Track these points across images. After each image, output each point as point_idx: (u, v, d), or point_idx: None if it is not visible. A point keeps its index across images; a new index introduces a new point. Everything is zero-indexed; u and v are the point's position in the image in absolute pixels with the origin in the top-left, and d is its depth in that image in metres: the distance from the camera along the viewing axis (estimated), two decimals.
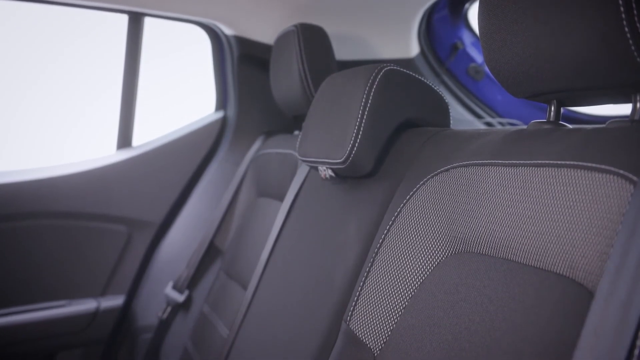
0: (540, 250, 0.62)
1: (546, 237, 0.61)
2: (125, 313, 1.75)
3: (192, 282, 1.62)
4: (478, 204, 0.72)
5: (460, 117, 1.76)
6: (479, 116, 1.78)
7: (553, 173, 0.64)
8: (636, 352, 0.47)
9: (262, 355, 1.06)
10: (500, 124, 1.74)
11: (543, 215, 0.63)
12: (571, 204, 0.60)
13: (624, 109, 0.69)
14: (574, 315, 0.55)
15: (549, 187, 0.63)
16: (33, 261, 1.61)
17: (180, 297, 1.60)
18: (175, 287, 1.64)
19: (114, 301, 1.73)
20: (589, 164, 0.60)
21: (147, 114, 1.81)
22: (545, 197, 0.63)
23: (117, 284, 1.75)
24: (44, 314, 1.61)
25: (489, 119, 1.77)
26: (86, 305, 1.68)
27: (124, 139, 1.76)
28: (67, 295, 1.67)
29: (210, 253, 1.63)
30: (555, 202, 0.62)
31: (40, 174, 1.60)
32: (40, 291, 1.64)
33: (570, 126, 0.73)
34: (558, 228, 0.60)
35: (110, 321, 1.71)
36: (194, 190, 1.81)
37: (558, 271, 0.59)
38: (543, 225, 0.62)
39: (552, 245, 0.60)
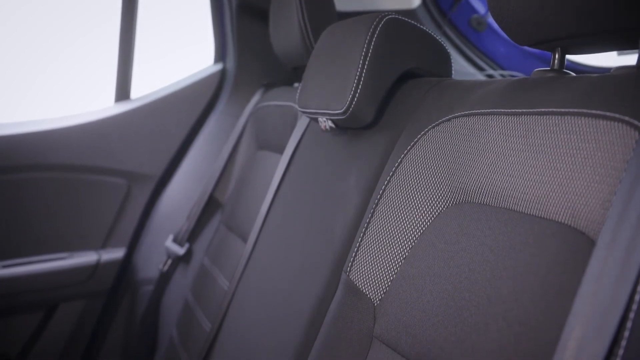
0: (542, 199, 0.61)
1: (548, 186, 0.61)
2: (126, 266, 1.76)
3: (192, 235, 1.63)
4: (480, 154, 0.72)
5: (462, 70, 1.74)
6: (480, 68, 1.76)
7: (556, 121, 0.63)
8: (637, 298, 0.47)
9: (262, 307, 1.07)
10: (502, 76, 1.73)
11: (545, 164, 0.62)
12: (574, 152, 0.59)
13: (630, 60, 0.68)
14: (575, 263, 0.55)
15: (552, 135, 0.62)
16: (33, 214, 1.62)
17: (180, 250, 1.60)
18: (175, 240, 1.65)
19: (115, 254, 1.73)
20: (593, 111, 0.59)
21: (145, 66, 1.79)
22: (548, 146, 0.62)
23: (117, 237, 1.76)
24: (45, 266, 1.61)
25: (490, 71, 1.75)
26: (87, 257, 1.68)
27: (122, 92, 1.75)
28: (68, 248, 1.68)
29: (210, 206, 1.63)
30: (558, 150, 0.61)
31: (38, 127, 1.59)
32: (41, 243, 1.64)
33: (574, 74, 0.71)
34: (560, 177, 0.60)
35: (111, 273, 1.72)
36: (194, 143, 1.80)
37: (560, 220, 0.59)
38: (545, 174, 0.62)
39: (554, 194, 0.60)
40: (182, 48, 2.02)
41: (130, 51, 1.72)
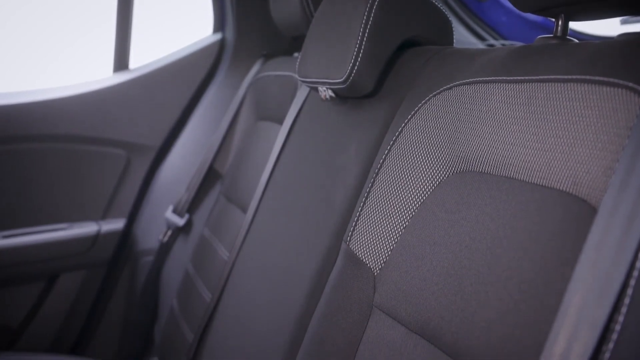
0: (543, 167, 0.61)
1: (550, 153, 0.60)
2: (126, 236, 1.76)
3: (192, 206, 1.63)
4: (481, 122, 0.71)
5: (463, 39, 1.72)
6: (482, 38, 1.75)
7: (559, 88, 0.62)
8: (637, 265, 0.47)
9: (262, 277, 1.07)
10: (504, 45, 1.71)
11: (547, 131, 0.61)
12: (577, 119, 0.58)
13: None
14: (576, 231, 0.54)
15: (554, 103, 0.62)
16: (33, 184, 1.61)
17: (180, 221, 1.61)
18: (175, 211, 1.65)
19: (115, 225, 1.74)
20: (596, 78, 0.58)
21: (143, 36, 1.77)
22: (550, 113, 0.62)
23: (117, 208, 1.76)
24: (45, 236, 1.62)
25: (492, 41, 1.73)
26: (87, 228, 1.68)
27: (121, 62, 1.74)
28: (68, 219, 1.68)
29: (210, 177, 1.63)
30: (560, 118, 0.60)
31: (37, 97, 1.58)
32: (40, 214, 1.64)
33: (577, 41, 0.70)
34: (562, 144, 0.59)
35: (111, 244, 1.72)
36: (193, 113, 1.79)
37: (561, 188, 0.58)
38: (547, 142, 0.61)
39: (556, 162, 0.59)
40: (180, 17, 2.00)
41: (128, 21, 1.70)
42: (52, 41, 1.87)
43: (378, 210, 0.83)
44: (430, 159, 0.78)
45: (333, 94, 1.01)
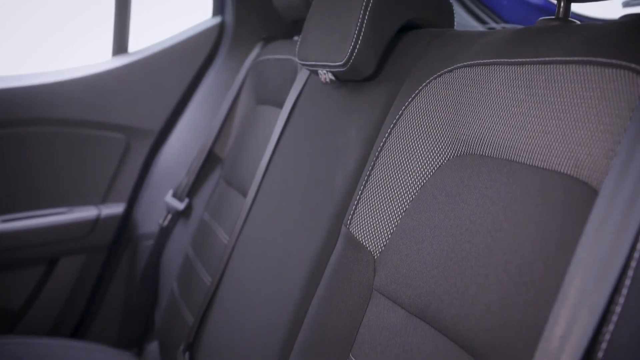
0: (544, 149, 0.61)
1: (551, 136, 0.60)
2: (126, 221, 1.76)
3: (192, 190, 1.62)
4: (482, 105, 0.71)
5: (464, 23, 1.71)
6: (483, 21, 1.73)
7: (560, 70, 0.61)
8: (639, 246, 0.47)
9: (262, 260, 1.07)
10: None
11: (549, 114, 0.61)
12: (578, 101, 0.58)
13: None
14: (577, 213, 0.54)
15: (556, 85, 0.61)
16: (32, 168, 1.61)
17: (180, 205, 1.60)
18: (175, 195, 1.64)
19: (115, 209, 1.74)
20: (598, 59, 0.58)
21: (142, 19, 1.76)
22: (552, 96, 0.61)
23: (117, 192, 1.75)
24: (45, 220, 1.62)
25: (493, 25, 1.72)
26: (87, 212, 1.68)
27: (120, 45, 1.73)
28: (68, 203, 1.68)
29: (210, 161, 1.62)
30: (561, 100, 0.60)
31: (35, 80, 1.58)
32: (40, 198, 1.64)
33: (579, 22, 0.70)
34: (564, 126, 0.59)
35: (111, 228, 1.73)
36: (192, 98, 1.79)
37: (562, 170, 0.58)
38: (548, 124, 0.61)
39: (557, 144, 0.59)
40: (179, 0, 1.99)
41: (127, 4, 1.69)
42: (51, 24, 1.86)
43: (378, 193, 0.83)
44: (431, 142, 0.78)
45: (333, 77, 1.00)
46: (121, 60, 1.69)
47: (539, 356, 0.49)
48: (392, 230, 0.79)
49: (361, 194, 0.86)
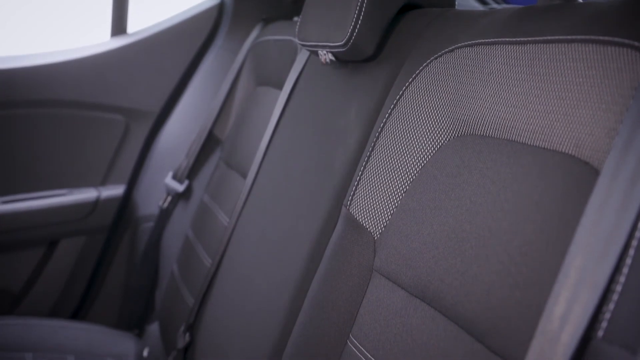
0: (545, 129, 0.60)
1: (553, 115, 0.60)
2: (126, 202, 1.76)
3: (191, 172, 1.62)
4: (483, 85, 0.70)
5: (465, 3, 1.70)
6: (483, 2, 1.72)
7: (562, 49, 0.61)
8: None
9: (262, 242, 1.07)
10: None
11: (550, 93, 0.61)
12: (580, 80, 0.58)
13: None
14: (578, 193, 0.54)
15: (558, 64, 0.61)
16: (31, 150, 1.61)
17: (180, 187, 1.60)
18: (175, 177, 1.64)
19: (115, 190, 1.74)
20: (601, 37, 0.57)
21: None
22: (554, 75, 0.61)
23: (117, 174, 1.75)
24: (44, 202, 1.62)
25: (494, 6, 1.71)
26: (87, 194, 1.68)
27: (119, 26, 1.72)
28: (68, 184, 1.68)
29: (210, 143, 1.62)
30: (563, 79, 0.60)
31: (34, 61, 1.57)
32: (40, 180, 1.64)
33: (582, 1, 0.69)
34: (565, 106, 0.58)
35: (111, 210, 1.73)
36: (192, 79, 1.78)
37: (563, 150, 0.58)
38: (550, 104, 0.60)
39: (558, 124, 0.59)
40: None
41: None
42: (49, 5, 1.84)
43: (378, 174, 0.83)
44: (432, 123, 0.77)
45: (333, 58, 1.00)
46: (120, 41, 1.68)
47: (539, 336, 0.49)
48: (392, 211, 0.79)
49: (361, 174, 0.86)
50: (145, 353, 1.44)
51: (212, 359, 1.10)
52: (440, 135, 0.76)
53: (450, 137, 0.75)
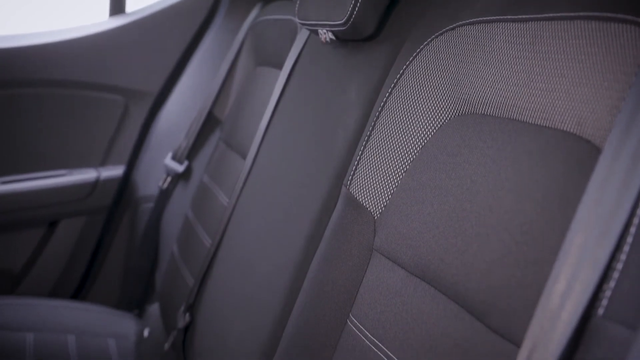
0: (547, 107, 0.60)
1: (554, 93, 0.59)
2: (125, 183, 1.76)
3: (191, 153, 1.62)
4: (484, 63, 0.70)
5: None
6: None
7: (565, 26, 0.60)
8: None
9: (262, 222, 1.07)
10: None
11: (552, 71, 0.60)
12: (583, 57, 0.57)
13: None
14: (580, 172, 0.54)
15: (560, 41, 0.60)
16: (29, 130, 1.61)
17: (179, 168, 1.60)
18: (174, 158, 1.64)
19: (114, 171, 1.73)
20: (604, 14, 0.56)
21: None
22: (556, 52, 0.60)
23: (116, 155, 1.75)
24: (44, 182, 1.62)
25: None
26: (86, 174, 1.68)
27: (117, 5, 1.71)
28: (67, 165, 1.68)
29: (209, 123, 1.62)
30: (565, 57, 0.59)
31: (32, 40, 1.56)
32: (39, 160, 1.64)
33: None
34: (567, 84, 0.58)
35: (111, 191, 1.73)
36: (191, 59, 1.77)
37: (565, 128, 0.57)
38: (551, 82, 0.60)
39: (560, 102, 0.58)
40: None
41: None
42: None
43: (379, 153, 0.82)
44: (432, 102, 0.77)
45: (333, 37, 0.99)
46: (118, 21, 1.67)
47: (539, 314, 0.49)
48: (392, 191, 0.79)
49: (361, 154, 0.85)
50: (145, 333, 1.44)
51: (212, 339, 1.10)
52: (441, 115, 0.75)
53: (451, 116, 0.74)
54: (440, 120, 0.75)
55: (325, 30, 0.99)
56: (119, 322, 1.47)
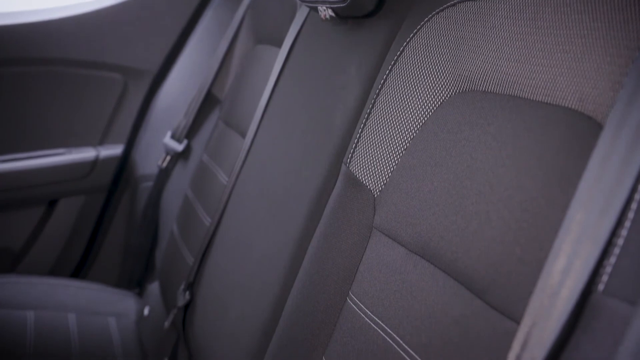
0: (549, 84, 0.59)
1: (556, 69, 0.59)
2: (125, 162, 1.76)
3: (190, 132, 1.61)
4: (485, 40, 0.69)
5: None
6: None
7: (567, 1, 0.60)
8: None
9: (261, 200, 1.07)
10: None
11: (554, 46, 0.60)
12: (585, 32, 0.57)
13: None
14: (581, 148, 0.53)
15: (562, 16, 0.60)
16: (29, 108, 1.60)
17: (179, 147, 1.59)
18: (173, 137, 1.63)
19: (113, 150, 1.73)
20: None
21: None
22: (558, 28, 0.60)
23: (115, 134, 1.75)
24: (43, 161, 1.62)
25: None
26: (85, 153, 1.68)
27: None
28: (66, 144, 1.68)
29: (208, 102, 1.61)
30: (567, 32, 0.58)
31: (29, 18, 1.55)
32: (38, 139, 1.64)
33: None
34: (569, 59, 0.57)
35: (110, 170, 1.72)
36: (190, 37, 1.76)
37: (566, 105, 0.57)
38: (553, 58, 0.59)
39: (562, 78, 0.58)
40: None
41: None
42: None
43: (378, 131, 0.82)
44: (433, 79, 0.76)
45: (333, 14, 0.98)
46: None
47: (539, 291, 0.49)
48: (392, 169, 0.79)
49: (361, 132, 0.85)
50: (146, 311, 1.45)
51: (212, 317, 1.11)
52: (442, 92, 0.75)
53: (452, 93, 0.74)
54: (441, 98, 0.75)
55: (325, 7, 0.98)
56: (119, 300, 1.48)
